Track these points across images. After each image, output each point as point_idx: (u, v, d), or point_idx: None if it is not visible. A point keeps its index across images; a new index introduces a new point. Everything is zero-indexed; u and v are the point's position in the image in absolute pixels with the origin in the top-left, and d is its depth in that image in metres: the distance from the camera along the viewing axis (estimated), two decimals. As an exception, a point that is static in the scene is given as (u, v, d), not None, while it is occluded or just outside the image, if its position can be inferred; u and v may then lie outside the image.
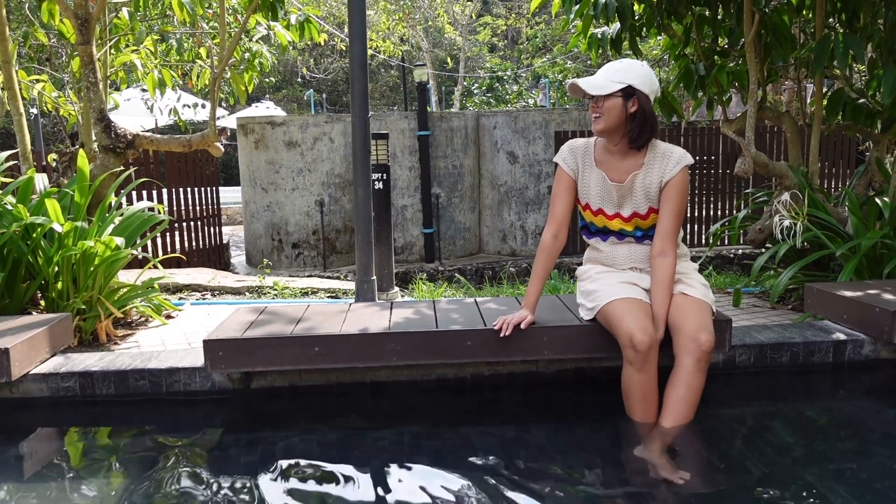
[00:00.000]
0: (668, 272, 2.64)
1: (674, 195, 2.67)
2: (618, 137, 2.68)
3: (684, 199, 2.71)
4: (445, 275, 8.01)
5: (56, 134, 17.36)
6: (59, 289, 3.80)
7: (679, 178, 2.67)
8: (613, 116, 2.62)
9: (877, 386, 3.10)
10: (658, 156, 2.70)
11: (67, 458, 2.54)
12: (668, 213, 2.68)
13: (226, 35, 4.77)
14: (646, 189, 2.71)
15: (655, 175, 2.69)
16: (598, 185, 2.77)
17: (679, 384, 2.48)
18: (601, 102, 2.63)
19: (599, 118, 2.64)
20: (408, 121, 8.50)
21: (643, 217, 2.74)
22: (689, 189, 2.75)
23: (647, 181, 2.70)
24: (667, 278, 2.63)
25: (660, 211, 2.71)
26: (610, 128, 2.64)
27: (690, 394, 2.47)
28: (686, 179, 2.70)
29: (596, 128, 2.66)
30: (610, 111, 2.62)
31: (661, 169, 2.68)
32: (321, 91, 25.95)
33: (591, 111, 2.67)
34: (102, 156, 4.53)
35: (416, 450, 2.54)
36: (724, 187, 8.76)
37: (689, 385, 2.47)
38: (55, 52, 7.10)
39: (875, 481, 2.20)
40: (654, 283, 2.67)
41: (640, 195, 2.72)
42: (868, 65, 4.86)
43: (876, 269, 4.03)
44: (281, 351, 2.79)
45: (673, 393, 2.49)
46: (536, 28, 22.06)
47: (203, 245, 8.48)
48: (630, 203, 2.74)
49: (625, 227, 2.77)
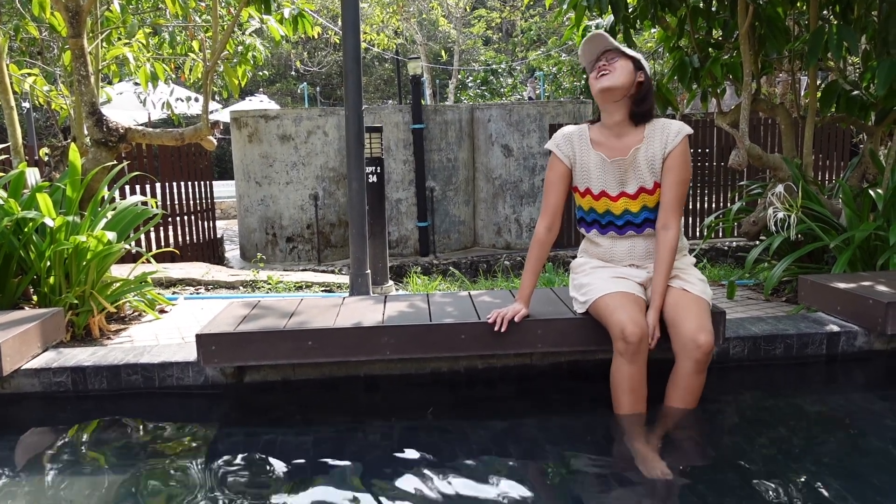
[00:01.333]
0: (671, 243, 2.64)
1: (676, 165, 2.66)
2: (619, 97, 2.64)
3: (687, 170, 2.69)
4: (440, 268, 8.00)
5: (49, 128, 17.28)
6: (52, 283, 3.78)
7: (681, 148, 2.66)
8: (624, 75, 2.60)
9: (870, 378, 3.11)
10: (657, 129, 2.69)
11: (60, 454, 2.53)
12: (670, 184, 2.67)
13: (218, 28, 4.75)
14: (649, 161, 2.68)
15: (658, 146, 2.67)
16: (597, 166, 2.74)
17: (678, 385, 2.52)
18: (615, 60, 2.62)
19: (608, 74, 2.60)
20: (402, 114, 8.48)
21: (650, 192, 2.70)
22: (690, 159, 2.74)
23: (649, 153, 2.68)
24: (670, 250, 2.64)
25: (662, 183, 2.68)
26: (616, 85, 2.60)
27: (689, 394, 2.51)
28: (688, 149, 2.69)
29: (602, 84, 2.60)
30: (622, 69, 2.61)
31: (663, 140, 2.67)
32: (315, 84, 25.88)
33: (598, 70, 2.63)
34: (94, 150, 4.51)
35: (411, 443, 2.53)
36: (719, 179, 8.77)
37: (688, 387, 2.50)
38: (47, 46, 7.05)
39: (869, 473, 2.21)
40: (656, 255, 2.67)
41: (644, 168, 2.69)
42: (862, 57, 4.86)
43: (869, 261, 4.04)
44: (274, 345, 2.78)
45: (672, 393, 2.54)
46: (531, 21, 22.02)
47: (197, 239, 8.46)
48: (634, 178, 2.71)
49: (630, 206, 2.73)
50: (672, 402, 2.53)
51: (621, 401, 2.52)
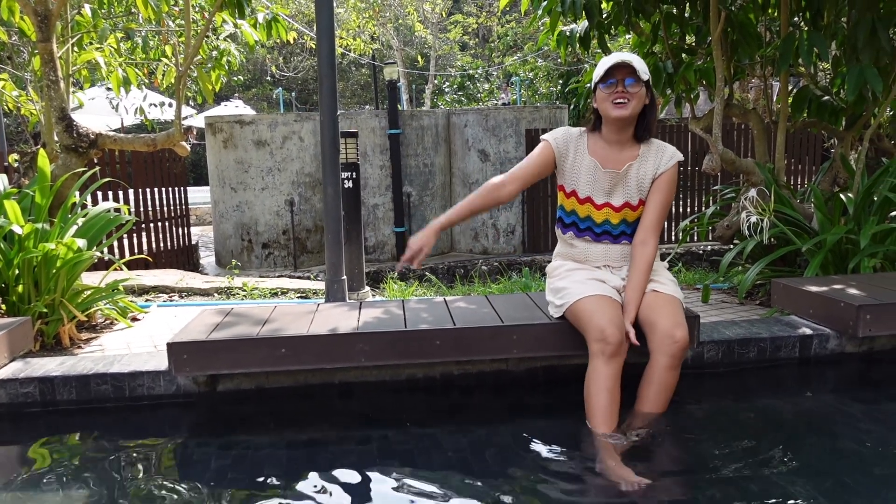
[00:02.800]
0: (648, 259, 2.69)
1: (664, 187, 2.74)
2: (631, 127, 2.71)
3: (672, 194, 2.77)
4: (417, 274, 7.98)
5: (19, 134, 17.04)
6: (20, 292, 3.71)
7: (671, 172, 2.74)
8: (638, 102, 2.64)
9: (842, 380, 3.14)
10: (653, 149, 2.76)
11: (27, 466, 2.48)
12: (655, 205, 2.74)
13: (191, 33, 4.70)
14: (639, 179, 2.74)
15: (650, 167, 2.74)
16: (589, 172, 2.77)
17: (653, 381, 2.53)
18: (634, 87, 2.61)
19: (628, 103, 2.61)
20: (378, 119, 8.45)
21: (634, 208, 2.76)
22: (676, 185, 2.80)
23: (641, 172, 2.74)
24: (646, 265, 2.68)
25: (647, 202, 2.76)
26: (635, 114, 2.65)
27: (663, 391, 2.52)
28: (676, 175, 2.78)
29: (622, 113, 2.61)
30: (640, 97, 2.64)
31: (657, 162, 2.74)
32: (291, 90, 25.77)
33: (617, 96, 2.61)
34: (64, 155, 4.44)
35: (386, 451, 2.51)
36: (693, 184, 8.84)
37: (662, 382, 2.51)
38: (16, 50, 6.95)
39: (841, 474, 2.22)
40: (632, 269, 2.70)
41: (633, 185, 2.75)
42: (832, 63, 4.92)
43: (841, 265, 4.08)
44: (247, 353, 2.75)
45: (645, 390, 2.54)
46: (507, 26, 22.10)
47: (171, 246, 8.36)
48: (622, 192, 2.76)
49: (611, 217, 2.77)
50: (644, 403, 2.53)
51: (594, 402, 2.45)
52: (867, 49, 4.02)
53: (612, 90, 2.62)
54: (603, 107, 2.67)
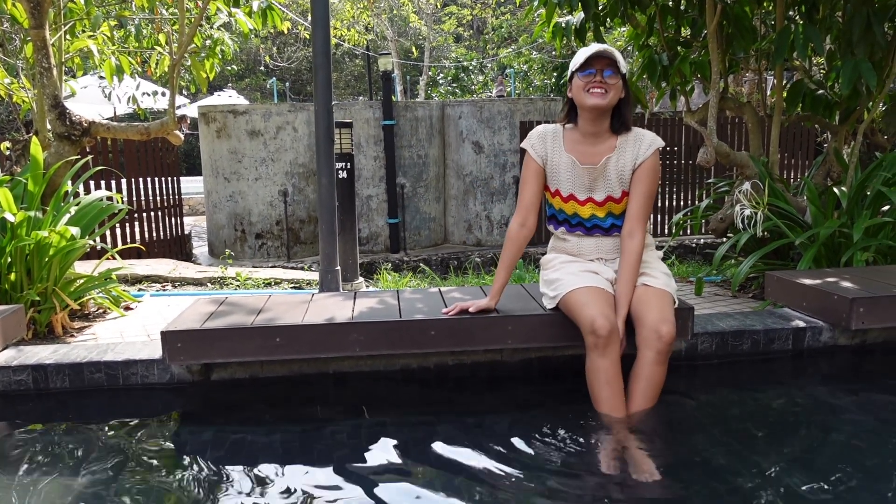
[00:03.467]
0: (636, 252, 2.67)
1: (645, 177, 2.71)
2: (607, 117, 2.70)
3: (655, 182, 2.74)
4: (411, 265, 7.98)
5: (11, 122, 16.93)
6: (13, 280, 3.69)
7: (651, 161, 2.71)
8: (616, 93, 2.63)
9: (835, 372, 3.16)
10: (630, 139, 2.72)
11: (19, 453, 2.47)
12: (638, 195, 2.71)
13: (185, 21, 4.67)
14: (619, 172, 2.72)
15: (629, 157, 2.71)
16: (567, 169, 2.76)
17: (640, 376, 2.52)
18: (612, 78, 2.61)
19: (606, 93, 2.60)
20: (373, 110, 8.43)
21: (617, 201, 2.74)
22: (660, 172, 2.77)
23: (620, 164, 2.71)
24: (634, 258, 2.67)
25: (630, 193, 2.73)
26: (611, 104, 2.64)
27: (650, 387, 2.51)
28: (657, 162, 2.74)
29: (599, 102, 2.60)
30: (617, 88, 2.63)
31: (635, 152, 2.71)
32: (285, 80, 25.67)
33: (595, 86, 2.60)
34: (57, 144, 4.41)
35: (380, 441, 2.51)
36: (687, 177, 8.85)
37: (650, 378, 2.51)
38: (8, 38, 6.88)
39: (834, 465, 2.24)
40: (621, 263, 2.69)
41: (613, 178, 2.73)
42: (827, 57, 4.93)
43: (834, 258, 4.10)
44: (241, 342, 2.75)
45: (633, 386, 2.53)
46: (502, 18, 22.06)
47: (164, 236, 8.34)
48: (603, 186, 2.74)
49: (597, 212, 2.76)
50: (634, 401, 2.52)
51: (599, 395, 2.52)
52: (862, 43, 4.03)
53: (590, 79, 2.62)
54: (579, 96, 2.65)
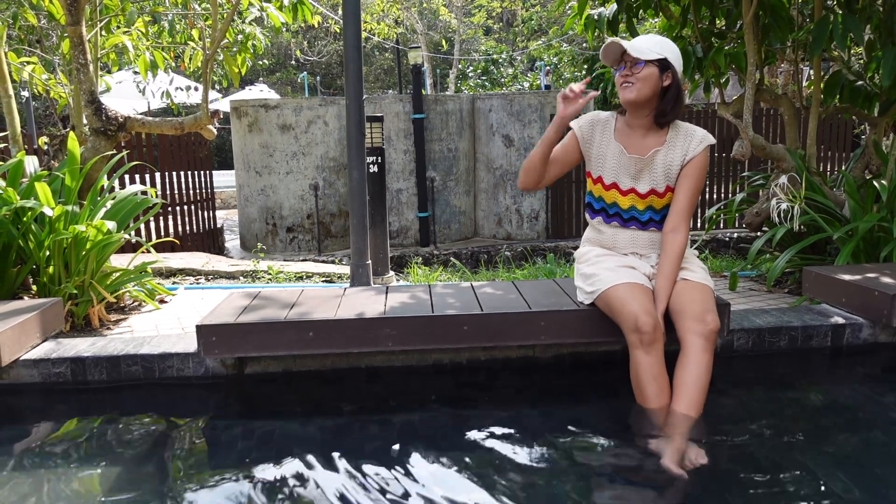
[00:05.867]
0: (678, 248, 2.64)
1: (694, 173, 2.68)
2: (647, 110, 2.66)
3: (703, 179, 2.71)
4: (441, 259, 7.98)
5: (48, 117, 17.22)
6: (51, 273, 3.76)
7: (701, 157, 2.68)
8: (648, 86, 2.58)
9: (876, 370, 3.09)
10: (681, 134, 2.70)
11: (58, 445, 2.51)
12: (685, 191, 2.68)
13: (218, 16, 4.70)
14: (667, 166, 2.69)
15: (678, 153, 2.68)
16: (614, 157, 2.74)
17: (689, 364, 2.41)
18: (637, 70, 2.58)
19: (632, 86, 2.58)
20: (402, 104, 8.43)
21: (660, 195, 2.72)
22: (707, 169, 2.74)
23: (668, 158, 2.69)
24: (676, 253, 2.63)
25: (677, 188, 2.70)
26: (641, 98, 2.60)
27: (701, 374, 2.39)
28: (707, 159, 2.71)
29: (627, 96, 2.59)
30: (646, 80, 2.58)
31: (685, 147, 2.68)
32: (315, 74, 25.77)
33: (622, 79, 2.59)
34: (93, 138, 4.48)
35: (412, 435, 2.52)
36: (721, 170, 8.74)
37: (699, 364, 2.39)
38: (45, 34, 7.00)
39: (875, 465, 2.19)
40: (662, 257, 2.66)
41: (660, 171, 2.70)
42: (866, 47, 4.81)
43: (873, 253, 4.01)
44: (275, 336, 2.77)
45: (683, 375, 2.41)
46: (532, 10, 21.92)
47: (197, 229, 8.43)
48: (648, 178, 2.71)
49: (637, 203, 2.74)
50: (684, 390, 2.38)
51: (646, 392, 2.45)
52: (904, 33, 3.93)
53: (621, 74, 2.62)
54: (620, 94, 2.65)
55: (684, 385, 2.40)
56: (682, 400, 2.39)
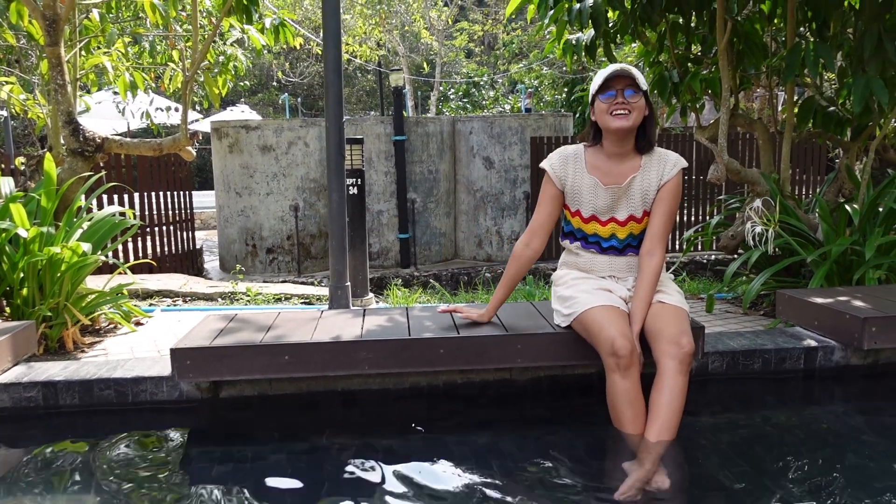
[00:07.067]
0: (654, 270, 2.66)
1: (669, 196, 2.72)
2: (632, 137, 2.71)
3: (677, 202, 2.75)
4: (421, 280, 7.98)
5: (26, 137, 17.09)
6: (25, 295, 3.72)
7: (675, 181, 2.73)
8: (639, 113, 2.64)
9: (847, 392, 3.13)
10: (654, 159, 2.74)
11: (29, 471, 2.47)
12: (660, 215, 2.72)
13: (199, 38, 4.71)
14: (644, 191, 2.73)
15: (654, 177, 2.72)
16: (590, 191, 2.76)
17: (664, 387, 2.42)
18: (633, 98, 2.62)
19: (629, 114, 2.61)
20: (384, 125, 8.47)
21: (638, 220, 2.75)
22: (682, 192, 2.78)
23: (645, 183, 2.72)
24: (652, 276, 2.66)
25: (652, 212, 2.74)
26: (636, 125, 2.65)
27: (676, 397, 2.40)
28: (681, 182, 2.75)
29: (623, 124, 2.61)
30: (640, 108, 2.64)
31: (660, 171, 2.72)
32: (297, 95, 25.81)
33: (617, 107, 2.61)
34: (71, 159, 4.45)
35: (389, 459, 2.51)
36: (698, 193, 8.82)
37: (674, 387, 2.41)
38: (24, 54, 6.97)
39: (846, 488, 2.21)
40: (639, 280, 2.68)
41: (637, 197, 2.74)
42: (838, 73, 4.91)
43: (846, 276, 4.07)
44: (250, 359, 2.75)
45: (658, 398, 2.42)
46: (513, 34, 22.13)
47: (176, 250, 8.37)
48: (626, 206, 2.75)
49: (618, 232, 2.77)
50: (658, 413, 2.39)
51: (622, 416, 2.47)
52: (873, 60, 4.01)
53: (611, 101, 2.63)
54: (602, 119, 2.66)
55: (659, 408, 2.42)
56: (656, 423, 2.40)
